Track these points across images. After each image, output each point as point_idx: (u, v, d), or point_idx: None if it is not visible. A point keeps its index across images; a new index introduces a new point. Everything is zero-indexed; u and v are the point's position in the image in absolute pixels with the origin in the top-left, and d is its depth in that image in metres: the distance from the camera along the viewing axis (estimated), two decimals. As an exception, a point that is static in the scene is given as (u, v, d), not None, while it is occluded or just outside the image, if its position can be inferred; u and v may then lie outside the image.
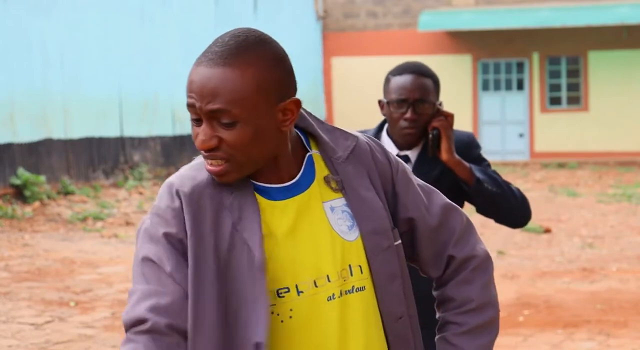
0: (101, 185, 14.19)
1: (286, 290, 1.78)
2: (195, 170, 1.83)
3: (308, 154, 1.83)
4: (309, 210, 1.80)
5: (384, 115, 3.16)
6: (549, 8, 19.35)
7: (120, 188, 14.34)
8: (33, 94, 13.13)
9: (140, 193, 14.21)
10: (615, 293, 7.75)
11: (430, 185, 2.01)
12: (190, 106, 1.72)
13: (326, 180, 1.82)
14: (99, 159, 14.41)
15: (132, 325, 1.74)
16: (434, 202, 1.94)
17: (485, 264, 1.95)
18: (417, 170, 3.05)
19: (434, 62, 19.91)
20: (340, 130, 1.89)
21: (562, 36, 19.67)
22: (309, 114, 1.87)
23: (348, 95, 20.90)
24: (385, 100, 3.14)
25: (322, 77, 20.99)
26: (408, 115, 3.09)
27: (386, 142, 3.17)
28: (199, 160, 1.83)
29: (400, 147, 3.18)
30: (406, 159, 3.13)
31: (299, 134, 1.85)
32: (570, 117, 19.76)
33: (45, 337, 6.62)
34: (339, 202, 1.82)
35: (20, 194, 12.55)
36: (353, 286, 1.81)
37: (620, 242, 10.43)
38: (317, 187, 1.81)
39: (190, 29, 16.52)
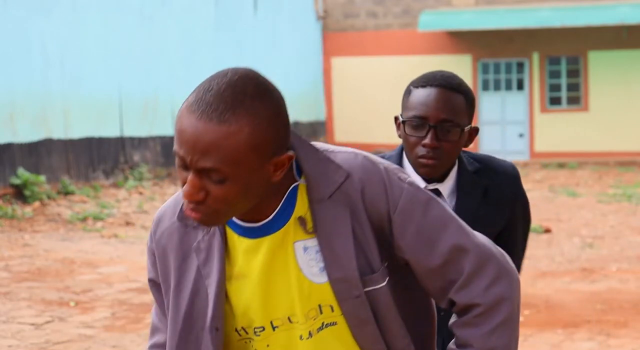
0: (101, 185, 14.19)
1: (261, 329, 1.78)
2: (175, 202, 1.83)
3: (294, 184, 1.75)
4: (281, 251, 1.75)
5: (400, 136, 2.55)
6: (549, 8, 19.35)
7: (120, 188, 14.34)
8: (33, 94, 13.13)
9: (140, 193, 14.21)
10: (615, 293, 7.75)
11: (451, 218, 1.81)
12: (178, 156, 1.64)
13: (300, 221, 1.74)
14: (99, 159, 14.41)
15: None
16: (443, 240, 1.78)
17: (492, 310, 1.79)
18: (457, 207, 2.54)
19: (434, 62, 19.90)
20: (334, 163, 1.76)
21: (562, 36, 19.67)
22: (304, 141, 1.78)
23: (348, 95, 20.90)
24: (402, 118, 2.52)
25: (322, 77, 20.99)
26: (427, 140, 2.45)
27: (409, 170, 2.55)
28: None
29: (426, 179, 2.54)
30: (436, 193, 2.55)
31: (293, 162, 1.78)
32: (570, 117, 19.76)
33: (45, 337, 6.62)
34: (313, 242, 1.75)
35: (20, 194, 12.55)
36: (323, 322, 1.78)
37: (620, 242, 10.43)
38: (292, 225, 1.74)
39: (190, 29, 16.52)
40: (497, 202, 2.59)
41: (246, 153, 1.61)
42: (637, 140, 19.51)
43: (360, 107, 20.73)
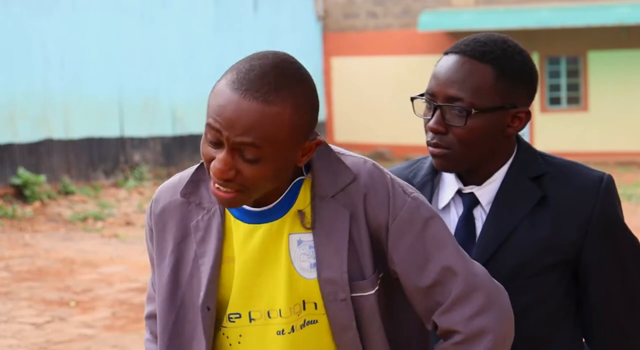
0: (101, 185, 14.19)
1: (237, 315, 1.77)
2: (178, 183, 1.83)
3: (298, 178, 1.75)
4: (275, 240, 1.74)
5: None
6: (548, 8, 19.36)
7: (121, 188, 14.35)
8: (33, 94, 13.13)
9: (141, 193, 14.21)
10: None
11: (449, 240, 1.75)
12: (213, 129, 1.63)
13: (300, 214, 1.74)
14: (99, 159, 14.42)
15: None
16: (436, 260, 1.74)
17: (472, 341, 1.73)
18: (489, 221, 1.98)
19: (433, 62, 19.89)
20: (344, 164, 1.75)
21: (561, 36, 19.68)
22: (324, 141, 1.78)
23: (348, 95, 20.91)
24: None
25: (322, 77, 20.99)
26: (430, 123, 1.97)
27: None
28: (190, 172, 1.81)
29: (463, 179, 2.03)
30: (472, 200, 2.02)
31: None
32: (570, 117, 19.76)
33: (46, 336, 6.62)
34: (309, 237, 1.74)
35: (20, 193, 12.55)
36: (305, 320, 1.76)
37: (620, 242, 10.42)
38: (291, 217, 1.74)
39: (190, 29, 16.52)
40: (559, 221, 1.95)
41: (285, 134, 1.62)
42: (636, 141, 19.52)
43: (360, 107, 20.73)
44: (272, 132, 1.61)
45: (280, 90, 1.62)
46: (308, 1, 20.66)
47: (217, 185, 1.67)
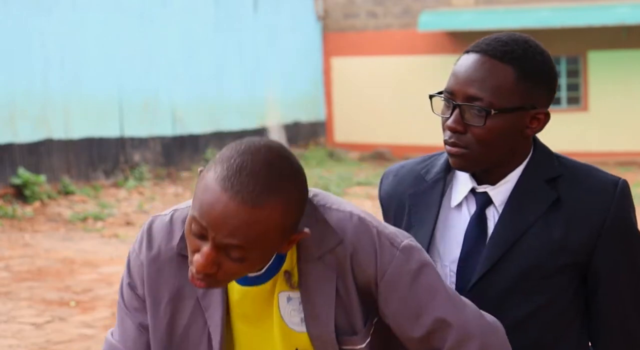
0: (101, 185, 14.19)
1: None
2: (172, 229, 1.79)
3: None
4: (266, 299, 1.76)
5: None
6: (548, 8, 19.35)
7: (121, 188, 14.34)
8: (33, 94, 13.12)
9: (141, 193, 14.21)
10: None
11: (440, 289, 1.75)
12: (199, 225, 1.59)
13: (286, 275, 1.74)
14: (99, 159, 14.41)
15: None
16: (428, 311, 1.74)
17: None
18: (502, 222, 1.97)
19: (433, 62, 19.91)
20: (330, 227, 1.72)
21: (561, 36, 19.67)
22: (312, 201, 1.75)
23: (348, 95, 20.90)
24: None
25: (322, 77, 20.98)
26: (448, 122, 1.95)
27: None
28: (184, 213, 1.77)
29: (477, 178, 2.01)
30: (486, 199, 2.01)
31: None
32: (570, 117, 19.76)
33: (46, 336, 6.62)
34: (297, 294, 1.75)
35: (20, 193, 12.55)
36: None
37: (620, 242, 10.42)
38: (280, 277, 1.75)
39: (190, 29, 16.51)
40: (572, 224, 1.94)
41: (274, 235, 1.60)
42: (637, 141, 19.52)
43: (360, 107, 20.72)
44: (260, 235, 1.58)
45: (270, 193, 1.56)
46: (308, 1, 20.65)
47: (198, 276, 1.63)
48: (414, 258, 1.75)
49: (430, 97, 2.02)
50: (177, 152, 16.24)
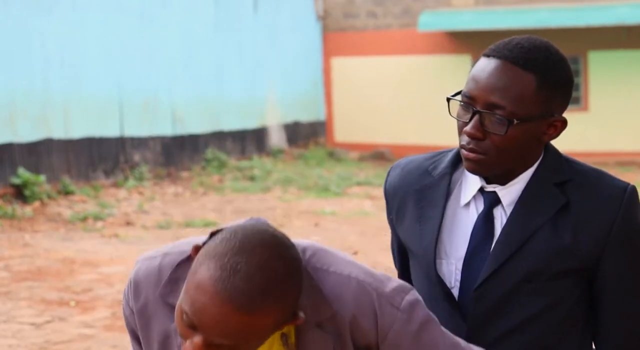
0: (101, 185, 14.18)
1: None
2: (159, 274, 1.76)
3: None
4: None
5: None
6: (548, 8, 19.35)
7: (121, 188, 14.34)
8: (33, 94, 13.12)
9: (141, 193, 14.20)
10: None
11: (442, 343, 1.73)
12: (189, 318, 1.56)
13: (283, 338, 1.71)
14: (99, 158, 14.41)
15: None
16: None
17: None
18: (510, 223, 1.97)
19: (433, 62, 19.90)
20: (324, 299, 1.68)
21: (561, 36, 19.67)
22: (309, 263, 1.71)
23: (348, 95, 20.90)
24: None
25: (322, 77, 20.98)
26: (467, 128, 1.92)
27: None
28: (172, 264, 1.74)
29: (486, 177, 2.01)
30: (494, 199, 2.01)
31: None
32: (570, 117, 19.61)
33: (46, 336, 6.61)
34: None
35: (20, 193, 12.54)
36: None
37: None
38: (276, 339, 1.73)
39: (190, 29, 16.51)
40: (580, 228, 1.94)
41: (268, 332, 1.58)
42: (637, 141, 19.52)
43: (360, 107, 20.71)
44: (253, 335, 1.55)
45: (265, 298, 1.52)
46: (308, 1, 20.65)
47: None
48: (416, 317, 1.72)
49: (448, 99, 2.00)
50: (177, 152, 16.24)
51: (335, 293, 1.69)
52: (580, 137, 19.77)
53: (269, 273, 1.53)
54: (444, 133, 19.68)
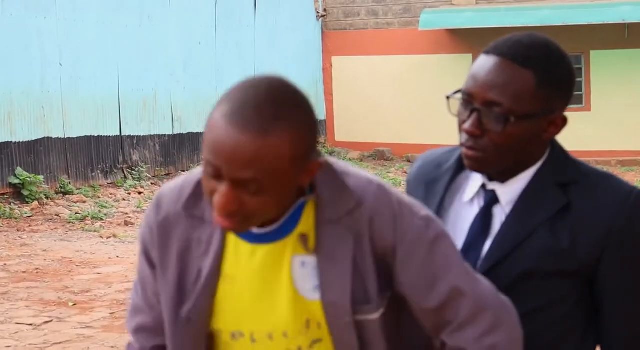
0: (100, 185, 14.16)
1: (240, 334, 1.75)
2: (180, 192, 1.80)
3: (301, 200, 1.73)
4: (277, 261, 1.72)
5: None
6: (550, 7, 19.32)
7: (119, 188, 14.31)
8: (31, 93, 13.09)
9: (140, 193, 14.17)
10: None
11: (457, 260, 1.76)
12: (211, 165, 1.59)
13: (302, 238, 1.72)
14: (97, 158, 14.37)
15: (131, 336, 1.91)
16: (444, 281, 1.74)
17: None
18: (508, 221, 1.96)
19: (434, 61, 19.87)
20: (349, 190, 1.72)
21: (563, 35, 19.63)
22: (326, 162, 1.74)
23: (348, 94, 20.87)
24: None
25: (322, 76, 20.95)
26: (466, 125, 1.92)
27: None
28: (193, 181, 1.78)
29: (488, 175, 1.99)
30: (493, 197, 2.00)
31: None
32: (572, 117, 19.53)
33: (44, 337, 6.58)
34: (312, 259, 1.72)
35: (18, 193, 12.51)
36: (312, 339, 1.75)
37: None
38: (294, 239, 1.72)
39: (190, 29, 16.48)
40: (580, 230, 1.91)
41: (286, 164, 1.59)
42: (638, 140, 19.49)
43: (361, 107, 20.69)
44: (272, 164, 1.58)
45: (277, 121, 1.57)
46: (308, 0, 20.63)
47: (222, 216, 1.63)
48: (433, 227, 1.75)
49: (447, 97, 1.98)
50: (176, 152, 16.21)
51: (357, 191, 1.72)
52: (582, 136, 19.75)
53: (278, 100, 1.59)
54: (445, 132, 19.64)
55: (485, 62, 1.91)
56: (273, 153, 1.57)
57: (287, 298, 1.72)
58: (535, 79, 1.87)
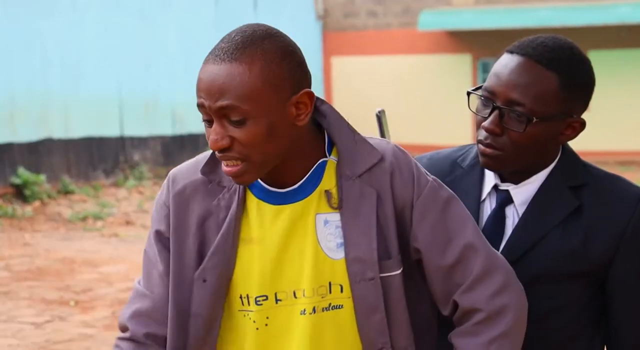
0: (101, 185, 14.18)
1: (264, 298, 1.76)
2: (196, 163, 1.83)
3: (322, 160, 1.76)
4: (301, 220, 1.75)
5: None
6: (548, 8, 19.35)
7: (121, 187, 14.34)
8: (33, 94, 13.12)
9: (141, 192, 14.20)
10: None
11: (470, 218, 1.78)
12: (200, 106, 1.67)
13: (327, 194, 1.75)
14: (99, 158, 14.40)
15: (120, 330, 1.86)
16: (459, 238, 1.76)
17: (494, 319, 1.76)
18: (521, 224, 1.95)
19: (433, 61, 19.89)
20: (370, 144, 1.76)
21: (562, 35, 19.67)
22: (342, 120, 1.79)
23: (348, 95, 20.89)
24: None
25: (322, 77, 20.98)
26: (486, 123, 1.91)
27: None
28: (208, 153, 1.81)
29: (501, 176, 1.99)
30: (506, 197, 1.99)
31: (326, 138, 1.78)
32: (570, 117, 19.76)
33: (46, 336, 6.61)
34: (335, 217, 1.75)
35: (20, 193, 12.54)
36: (330, 303, 1.75)
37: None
38: (317, 197, 1.75)
39: (190, 29, 16.51)
40: (591, 233, 1.92)
41: (260, 88, 1.64)
42: (637, 140, 19.52)
43: (360, 107, 20.70)
44: (245, 89, 1.63)
45: (247, 47, 1.64)
46: (308, 0, 20.65)
47: (223, 162, 1.69)
48: (444, 189, 1.80)
49: (469, 93, 1.99)
50: (177, 152, 16.23)
51: (378, 147, 1.78)
52: (581, 136, 19.69)
53: (249, 31, 1.67)
54: (444, 132, 19.68)
55: (509, 61, 1.91)
56: (244, 78, 1.63)
57: (310, 257, 1.73)
58: (559, 81, 1.88)
